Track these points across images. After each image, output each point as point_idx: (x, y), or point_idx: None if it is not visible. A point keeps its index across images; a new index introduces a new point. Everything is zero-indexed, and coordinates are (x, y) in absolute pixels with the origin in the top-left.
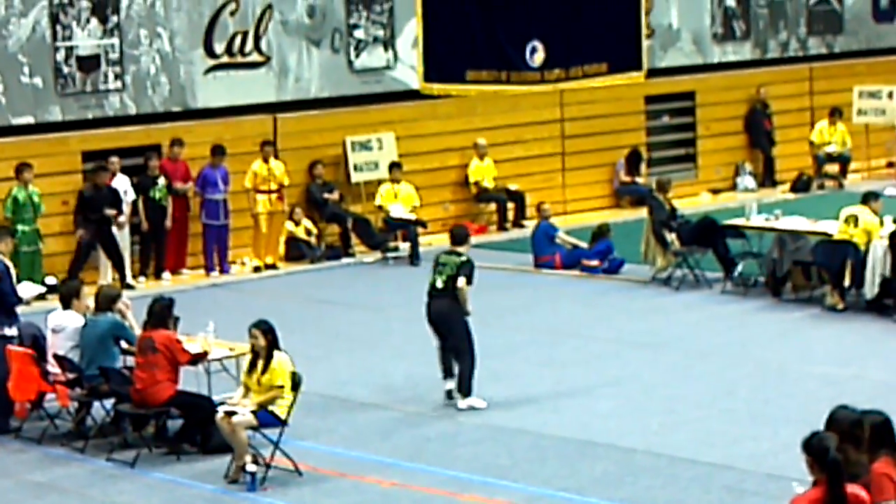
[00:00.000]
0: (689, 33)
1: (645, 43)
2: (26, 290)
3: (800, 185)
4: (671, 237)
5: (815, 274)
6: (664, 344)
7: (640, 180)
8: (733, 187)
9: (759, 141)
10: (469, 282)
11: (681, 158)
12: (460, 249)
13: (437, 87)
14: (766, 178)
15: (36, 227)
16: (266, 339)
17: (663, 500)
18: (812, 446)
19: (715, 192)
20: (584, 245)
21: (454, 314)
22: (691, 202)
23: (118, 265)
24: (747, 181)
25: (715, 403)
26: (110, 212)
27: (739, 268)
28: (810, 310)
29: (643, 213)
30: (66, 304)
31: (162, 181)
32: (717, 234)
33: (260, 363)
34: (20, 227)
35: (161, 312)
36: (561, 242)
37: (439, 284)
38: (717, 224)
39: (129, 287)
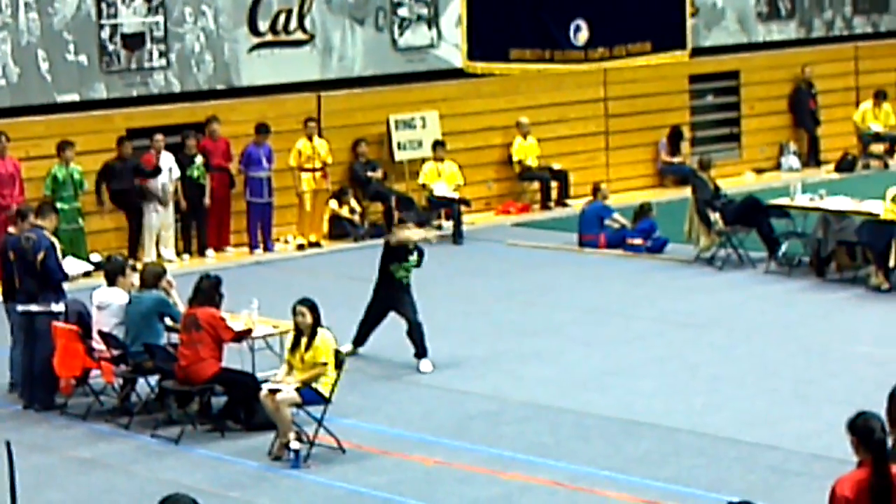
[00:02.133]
0: (733, 12)
1: (689, 22)
2: (71, 266)
3: (844, 164)
4: (715, 217)
5: (860, 254)
6: (708, 323)
7: (681, 159)
8: (777, 167)
9: (803, 120)
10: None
11: (725, 138)
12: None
13: (480, 66)
14: (811, 157)
15: (77, 205)
16: (312, 316)
17: (706, 480)
18: (857, 426)
19: (759, 171)
20: (627, 224)
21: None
22: (735, 182)
23: (133, 238)
24: (792, 161)
25: (759, 383)
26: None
27: (784, 248)
28: (854, 290)
29: (687, 192)
30: (112, 281)
31: (199, 159)
32: (762, 214)
33: (304, 341)
34: (60, 205)
35: (208, 290)
36: (610, 224)
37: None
38: (762, 204)
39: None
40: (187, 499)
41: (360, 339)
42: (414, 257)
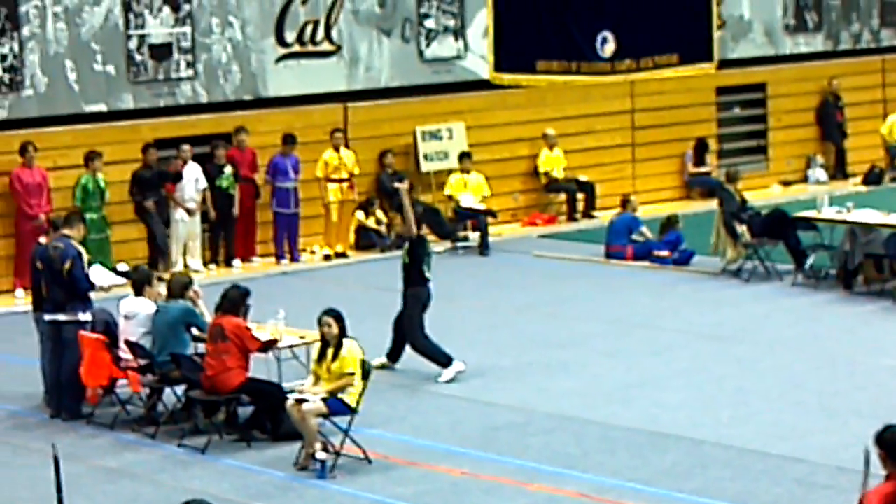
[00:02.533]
0: (760, 24)
1: (716, 34)
2: (98, 275)
3: (872, 177)
4: (742, 229)
5: (887, 266)
6: (734, 336)
7: (706, 170)
8: (804, 179)
9: (830, 133)
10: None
11: (752, 150)
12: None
13: (507, 78)
14: (838, 170)
15: (103, 214)
16: (338, 326)
17: (733, 492)
18: (885, 440)
19: (786, 184)
20: (653, 237)
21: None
22: (762, 194)
23: (155, 247)
24: (819, 173)
25: (785, 396)
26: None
27: (811, 260)
28: (882, 303)
29: (713, 204)
30: (139, 291)
31: (228, 170)
32: (789, 227)
33: (330, 351)
34: (88, 215)
35: (235, 299)
36: (637, 238)
37: (429, 275)
38: (789, 216)
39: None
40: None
41: (394, 354)
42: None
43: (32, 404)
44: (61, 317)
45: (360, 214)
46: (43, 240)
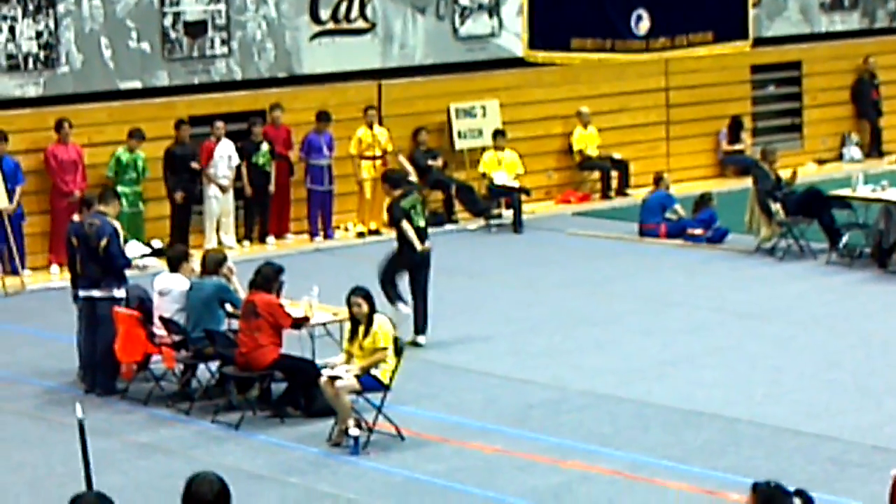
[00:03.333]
0: (796, 2)
1: (751, 12)
2: (132, 249)
3: None
4: (776, 207)
5: None
6: (768, 314)
7: (740, 147)
8: (839, 157)
9: (865, 111)
10: None
11: (786, 128)
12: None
13: (541, 55)
14: (873, 148)
15: (138, 189)
16: (368, 304)
17: (766, 470)
18: None
19: (821, 162)
20: (686, 215)
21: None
22: (788, 171)
23: (182, 224)
24: (853, 151)
25: (819, 374)
26: (195, 165)
27: (845, 238)
28: None
29: (748, 182)
30: (174, 268)
31: (265, 146)
32: (823, 205)
33: (361, 329)
34: (122, 189)
35: (269, 276)
36: (670, 216)
37: (422, 223)
38: (823, 194)
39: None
40: (213, 475)
41: (418, 325)
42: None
43: (67, 380)
44: (96, 293)
45: None
46: (76, 217)
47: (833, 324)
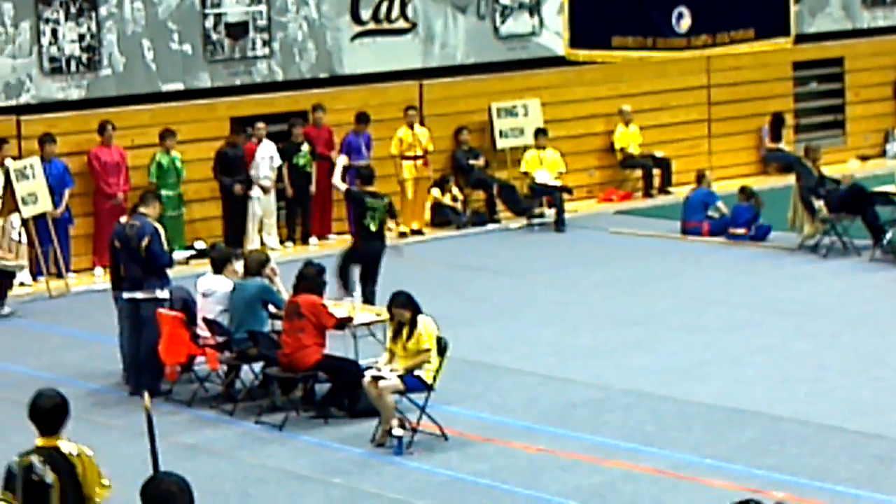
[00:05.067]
0: None
1: (793, 8)
2: (176, 255)
3: None
4: (819, 204)
5: None
6: (812, 312)
7: (783, 146)
8: (882, 154)
9: None
10: (397, 222)
11: (829, 125)
12: (374, 189)
13: (582, 54)
14: None
15: (179, 192)
16: (409, 310)
17: (811, 468)
18: None
19: (864, 158)
20: (728, 213)
21: (383, 253)
22: (840, 169)
23: (238, 229)
24: None
25: (864, 372)
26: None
27: (889, 235)
28: None
29: (790, 179)
30: (218, 269)
31: (306, 147)
32: (866, 201)
33: (405, 330)
34: (164, 192)
35: (311, 277)
36: (714, 211)
37: (374, 228)
38: (866, 191)
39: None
40: (175, 476)
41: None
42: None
43: (111, 382)
44: (139, 294)
45: (435, 191)
46: (123, 219)
47: (877, 320)
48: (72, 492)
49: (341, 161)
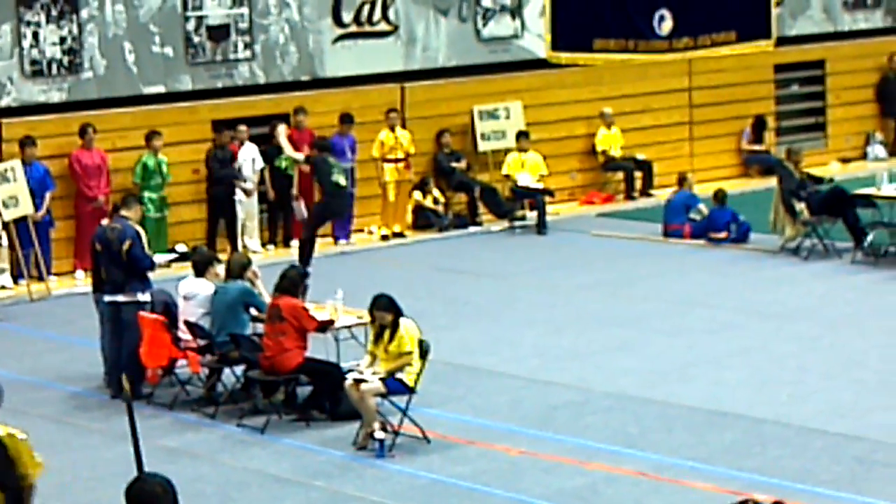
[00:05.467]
0: (819, 1)
1: (774, 11)
2: (158, 258)
3: None
4: (800, 207)
5: None
6: (793, 314)
7: (763, 147)
8: (863, 156)
9: (890, 110)
10: None
11: (810, 127)
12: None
13: (564, 56)
14: None
15: (163, 194)
16: (391, 313)
17: (792, 471)
18: None
19: (845, 161)
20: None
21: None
22: (821, 171)
23: (230, 231)
24: (878, 150)
25: (845, 374)
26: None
27: (870, 237)
28: None
29: (771, 182)
30: (200, 272)
31: None
32: (847, 204)
33: (386, 332)
34: (147, 194)
35: (294, 279)
36: (694, 216)
37: (343, 182)
38: (847, 193)
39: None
40: (159, 478)
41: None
42: None
43: (93, 385)
44: (120, 297)
45: (417, 194)
46: (105, 222)
47: (858, 323)
48: (5, 469)
49: (283, 131)
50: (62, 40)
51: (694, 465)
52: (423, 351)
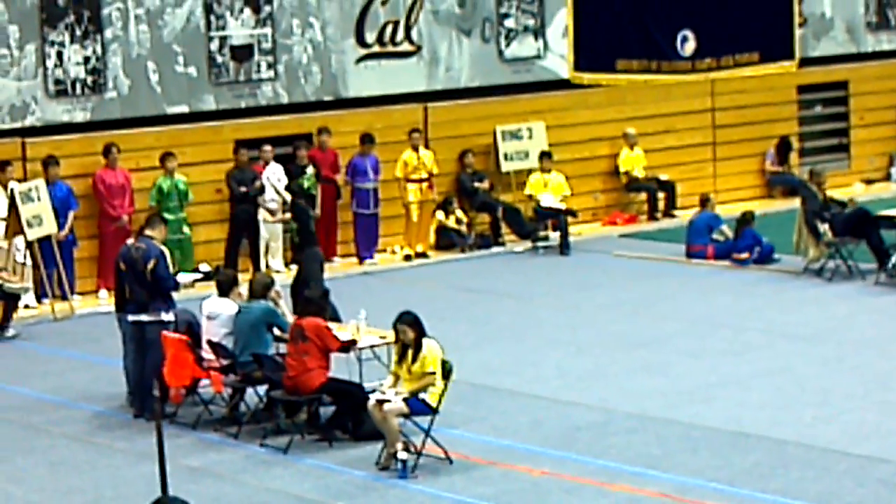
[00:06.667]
0: (842, 22)
1: (798, 32)
2: (182, 278)
3: None
4: (824, 228)
5: None
6: (817, 335)
7: (787, 169)
8: (887, 177)
9: None
10: None
11: (834, 148)
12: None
13: (587, 77)
14: None
15: (182, 215)
16: (414, 330)
17: (815, 493)
18: None
19: (868, 182)
20: (731, 236)
21: None
22: (844, 192)
23: (253, 251)
24: None
25: (869, 396)
26: (243, 188)
27: (894, 259)
28: None
29: (795, 203)
30: (224, 292)
31: (311, 170)
32: (871, 225)
33: (410, 352)
34: (166, 216)
35: (316, 300)
36: (717, 237)
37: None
38: (871, 214)
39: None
40: (179, 501)
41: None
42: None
43: (116, 404)
44: (144, 317)
45: (440, 214)
46: (129, 241)
47: (882, 344)
48: None
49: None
50: (86, 60)
51: (717, 487)
52: (446, 371)
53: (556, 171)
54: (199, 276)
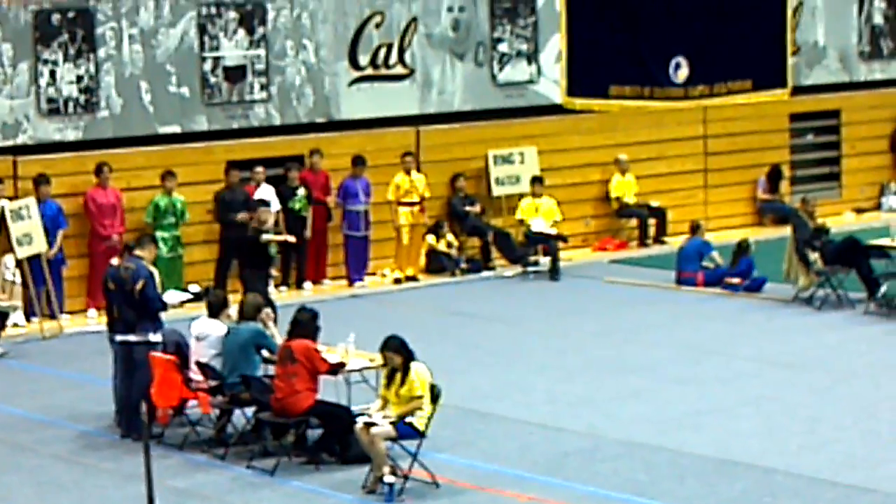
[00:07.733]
0: (835, 51)
1: (790, 60)
2: (172, 297)
3: None
4: (814, 256)
5: None
6: (806, 364)
7: (778, 197)
8: (878, 207)
9: None
10: None
11: (825, 177)
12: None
13: (579, 102)
14: None
15: (177, 234)
16: (401, 356)
17: None
18: None
19: (859, 211)
20: (722, 263)
21: None
22: (835, 221)
23: (223, 268)
24: (892, 201)
25: (857, 425)
26: (243, 216)
27: (883, 288)
28: None
29: (785, 231)
30: (214, 313)
31: (302, 192)
32: (861, 254)
33: (398, 376)
34: (160, 234)
35: (305, 322)
36: (707, 264)
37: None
38: (861, 244)
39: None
40: None
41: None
42: None
43: (103, 424)
44: (132, 337)
45: (430, 238)
46: (115, 261)
47: (871, 374)
48: None
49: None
50: (79, 79)
51: None
52: (434, 395)
53: (547, 196)
54: (188, 296)
